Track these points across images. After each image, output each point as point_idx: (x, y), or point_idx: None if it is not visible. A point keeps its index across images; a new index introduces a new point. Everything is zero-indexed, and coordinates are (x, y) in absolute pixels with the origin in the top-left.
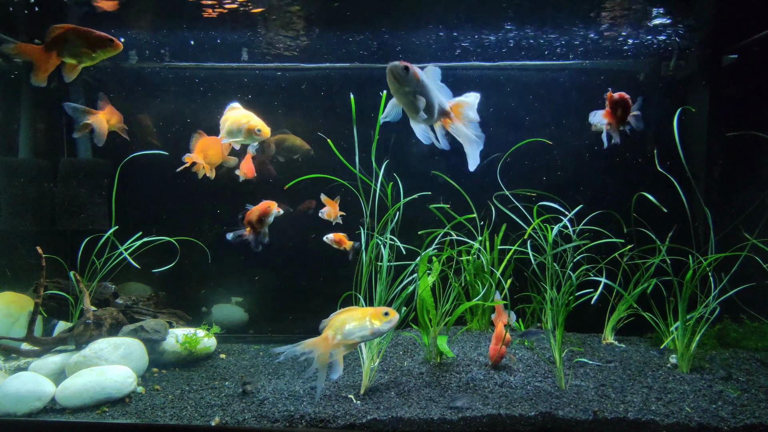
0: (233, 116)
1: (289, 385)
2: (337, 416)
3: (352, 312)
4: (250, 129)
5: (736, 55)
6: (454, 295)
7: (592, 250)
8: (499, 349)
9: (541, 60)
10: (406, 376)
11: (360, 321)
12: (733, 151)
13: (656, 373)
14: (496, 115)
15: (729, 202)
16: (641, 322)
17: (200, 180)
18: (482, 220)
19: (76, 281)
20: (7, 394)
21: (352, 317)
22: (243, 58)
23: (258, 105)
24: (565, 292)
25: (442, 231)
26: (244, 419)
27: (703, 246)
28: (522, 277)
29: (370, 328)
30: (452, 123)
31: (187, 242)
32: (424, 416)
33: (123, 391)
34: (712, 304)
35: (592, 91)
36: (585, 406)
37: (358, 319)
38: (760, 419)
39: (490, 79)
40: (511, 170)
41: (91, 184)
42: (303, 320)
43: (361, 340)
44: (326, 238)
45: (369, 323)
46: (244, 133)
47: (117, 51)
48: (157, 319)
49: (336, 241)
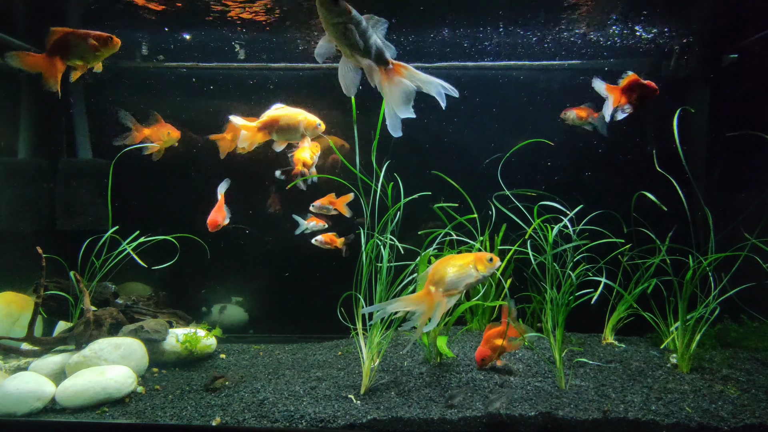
0: (287, 113)
1: (289, 385)
2: (337, 416)
3: (450, 261)
4: (310, 124)
5: (736, 55)
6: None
7: (592, 250)
8: (487, 351)
9: (540, 60)
10: (406, 376)
11: (463, 269)
12: (733, 151)
13: (656, 373)
14: (496, 115)
15: (729, 202)
16: (641, 322)
17: (199, 180)
18: (482, 221)
19: (76, 281)
20: (7, 394)
21: (453, 266)
22: (239, 58)
23: (258, 105)
24: (565, 291)
25: (442, 231)
26: (244, 419)
27: (703, 246)
28: (522, 277)
29: (475, 275)
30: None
31: (187, 242)
32: (424, 416)
33: (123, 391)
34: (712, 304)
35: (592, 90)
36: (585, 406)
37: (460, 267)
38: (760, 419)
39: (490, 79)
40: (511, 170)
41: (91, 184)
42: (303, 320)
43: (465, 288)
44: (315, 241)
45: (474, 270)
46: (300, 129)
47: (117, 47)
48: (157, 319)
49: (326, 242)
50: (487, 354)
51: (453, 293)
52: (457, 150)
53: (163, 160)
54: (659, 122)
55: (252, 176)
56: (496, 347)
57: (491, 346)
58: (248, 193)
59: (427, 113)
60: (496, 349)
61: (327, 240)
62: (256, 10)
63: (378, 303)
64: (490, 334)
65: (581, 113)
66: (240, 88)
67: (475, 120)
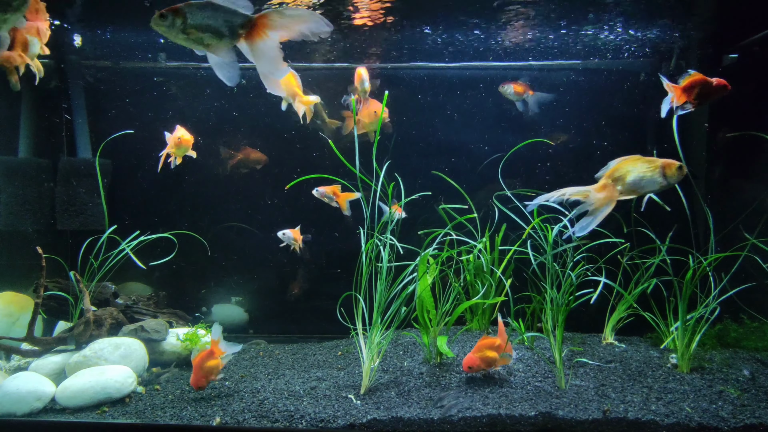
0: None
1: (289, 385)
2: (337, 416)
3: (639, 161)
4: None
5: (736, 55)
6: (454, 295)
7: (593, 250)
8: (476, 360)
9: (540, 60)
10: (406, 376)
11: (650, 172)
12: (733, 151)
13: (656, 373)
14: (495, 115)
15: (729, 202)
16: (641, 322)
17: (200, 179)
18: (482, 221)
19: (76, 281)
20: (7, 394)
21: (641, 166)
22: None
23: (259, 105)
24: (565, 291)
25: (442, 231)
26: (244, 419)
27: (703, 246)
28: (522, 277)
29: (660, 181)
30: (260, 36)
31: (188, 242)
32: (424, 416)
33: (123, 391)
34: (712, 304)
35: (592, 90)
36: (585, 406)
37: (648, 169)
38: (760, 419)
39: (491, 79)
40: (511, 170)
41: (91, 184)
42: (303, 320)
43: (644, 192)
44: (282, 234)
45: (660, 176)
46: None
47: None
48: (157, 319)
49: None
50: (475, 363)
51: (631, 193)
52: (457, 150)
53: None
54: (659, 122)
55: (252, 176)
56: (486, 358)
57: (482, 355)
58: (249, 193)
59: (427, 113)
60: (486, 360)
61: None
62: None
63: (377, 303)
64: (484, 344)
65: (518, 88)
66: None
67: (475, 120)
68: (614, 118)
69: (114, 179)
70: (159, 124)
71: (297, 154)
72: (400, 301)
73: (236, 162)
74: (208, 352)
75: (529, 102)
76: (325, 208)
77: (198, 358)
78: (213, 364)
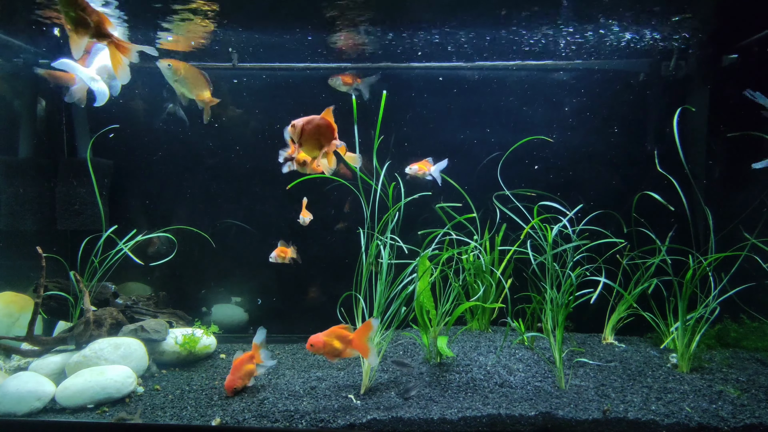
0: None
1: (289, 385)
2: (337, 416)
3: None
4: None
5: (736, 54)
6: (454, 295)
7: (593, 250)
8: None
9: (540, 60)
10: (406, 376)
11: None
12: (733, 151)
13: (656, 373)
14: (495, 115)
15: (729, 202)
16: (641, 322)
17: (200, 177)
18: (482, 221)
19: (76, 281)
20: (7, 394)
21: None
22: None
23: (259, 106)
24: (564, 291)
25: (441, 231)
26: (244, 419)
27: (703, 246)
28: (522, 277)
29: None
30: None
31: (187, 242)
32: (424, 416)
33: (123, 391)
34: (712, 304)
35: (591, 90)
36: (585, 406)
37: None
38: (760, 419)
39: (490, 79)
40: (511, 170)
41: (91, 184)
42: (303, 320)
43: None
44: (271, 258)
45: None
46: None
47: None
48: (157, 319)
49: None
50: (320, 344)
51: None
52: (457, 149)
53: (163, 160)
54: (659, 122)
55: (252, 176)
56: (331, 345)
57: (328, 340)
58: (248, 194)
59: (427, 113)
60: (329, 347)
61: (281, 253)
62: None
63: (373, 305)
64: (336, 332)
65: (347, 80)
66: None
67: (475, 120)
68: (614, 118)
69: (115, 179)
70: (158, 123)
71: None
72: (400, 301)
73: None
74: (249, 355)
75: (362, 89)
76: (325, 209)
77: (239, 360)
78: (251, 368)
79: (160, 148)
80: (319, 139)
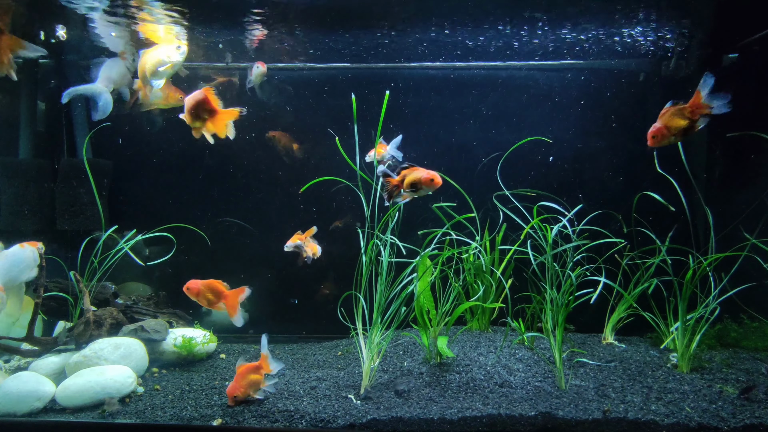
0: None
1: (289, 385)
2: (337, 416)
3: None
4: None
5: (736, 54)
6: (454, 295)
7: (592, 250)
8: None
9: (540, 60)
10: (406, 376)
11: None
12: (733, 151)
13: (656, 373)
14: (495, 115)
15: (729, 202)
16: (641, 322)
17: (199, 177)
18: (482, 221)
19: (76, 281)
20: (7, 394)
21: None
22: (227, 60)
23: (260, 106)
24: (564, 291)
25: (440, 231)
26: (244, 419)
27: (703, 246)
28: (522, 277)
29: None
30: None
31: (187, 242)
32: (424, 416)
33: (123, 391)
34: (712, 304)
35: (592, 90)
36: (585, 406)
37: None
38: (760, 419)
39: (490, 79)
40: (511, 170)
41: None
42: (303, 320)
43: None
44: (287, 247)
45: None
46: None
47: None
48: (157, 319)
49: (297, 244)
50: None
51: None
52: (457, 149)
53: (164, 160)
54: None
55: (253, 176)
56: (251, 382)
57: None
58: (248, 193)
59: (427, 113)
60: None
61: (298, 241)
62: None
63: (373, 305)
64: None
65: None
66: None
67: (475, 119)
68: (613, 118)
69: (114, 179)
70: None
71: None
72: (400, 300)
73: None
74: (256, 365)
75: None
76: (325, 208)
77: (244, 367)
78: (256, 378)
79: (160, 148)
80: (198, 111)
